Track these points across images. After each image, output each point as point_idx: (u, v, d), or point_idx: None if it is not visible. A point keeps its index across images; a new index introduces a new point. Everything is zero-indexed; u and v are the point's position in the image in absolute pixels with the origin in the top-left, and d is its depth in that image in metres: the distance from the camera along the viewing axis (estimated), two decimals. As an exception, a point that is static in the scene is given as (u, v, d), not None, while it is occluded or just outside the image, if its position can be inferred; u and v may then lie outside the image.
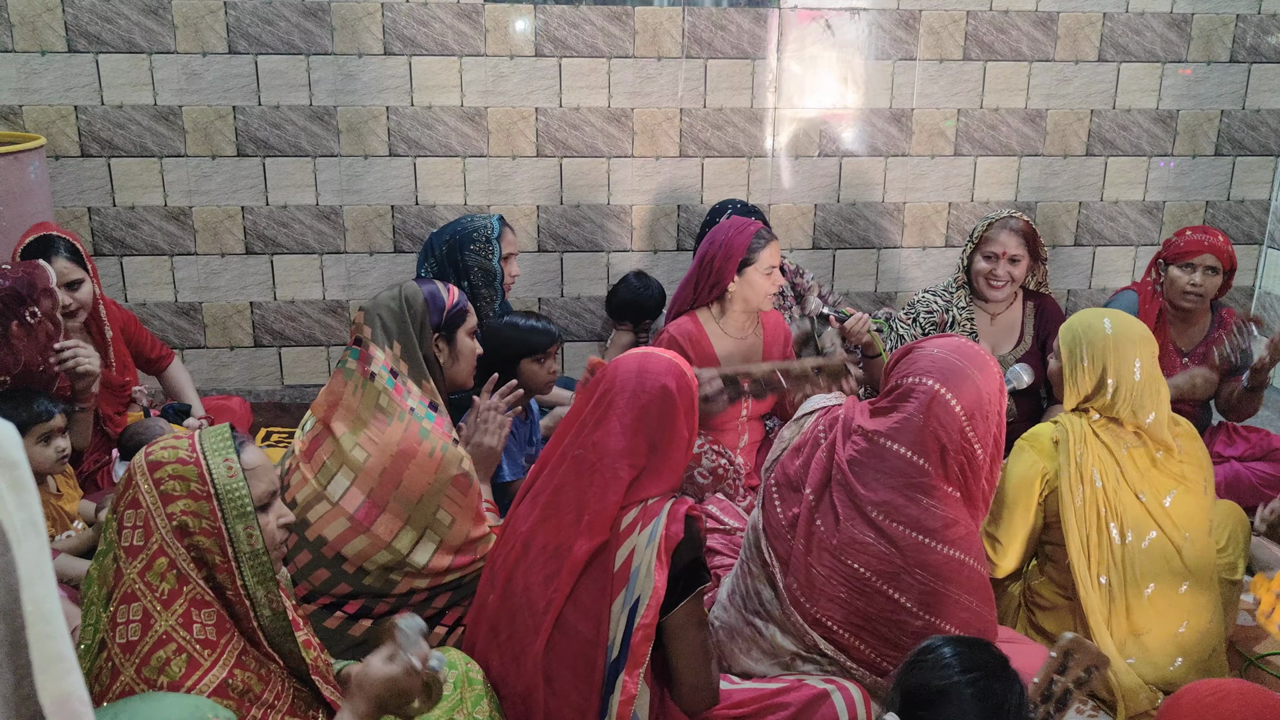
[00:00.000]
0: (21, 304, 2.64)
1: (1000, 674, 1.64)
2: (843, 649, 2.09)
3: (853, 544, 2.06)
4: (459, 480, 2.35)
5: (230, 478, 1.53)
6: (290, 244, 4.18)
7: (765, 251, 3.04)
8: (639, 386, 1.98)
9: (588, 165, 4.23)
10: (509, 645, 2.00)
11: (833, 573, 2.07)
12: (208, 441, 1.56)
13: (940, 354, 2.08)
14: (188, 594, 1.50)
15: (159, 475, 1.52)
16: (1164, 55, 4.36)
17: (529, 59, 4.08)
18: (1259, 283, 4.66)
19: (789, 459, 2.21)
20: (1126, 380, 2.35)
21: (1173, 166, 4.51)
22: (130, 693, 1.44)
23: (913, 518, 2.03)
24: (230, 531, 1.52)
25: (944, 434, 2.03)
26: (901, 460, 2.05)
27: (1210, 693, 1.35)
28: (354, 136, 4.09)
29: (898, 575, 2.03)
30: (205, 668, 1.47)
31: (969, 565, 2.05)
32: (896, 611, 2.04)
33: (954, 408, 2.03)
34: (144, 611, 1.47)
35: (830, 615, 2.07)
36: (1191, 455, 2.43)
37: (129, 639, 1.46)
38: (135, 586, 1.48)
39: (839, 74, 4.27)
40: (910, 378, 2.08)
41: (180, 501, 1.51)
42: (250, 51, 3.95)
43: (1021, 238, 3.28)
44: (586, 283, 4.37)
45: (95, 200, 4.03)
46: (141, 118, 3.97)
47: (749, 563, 2.21)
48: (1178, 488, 2.38)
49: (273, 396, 4.30)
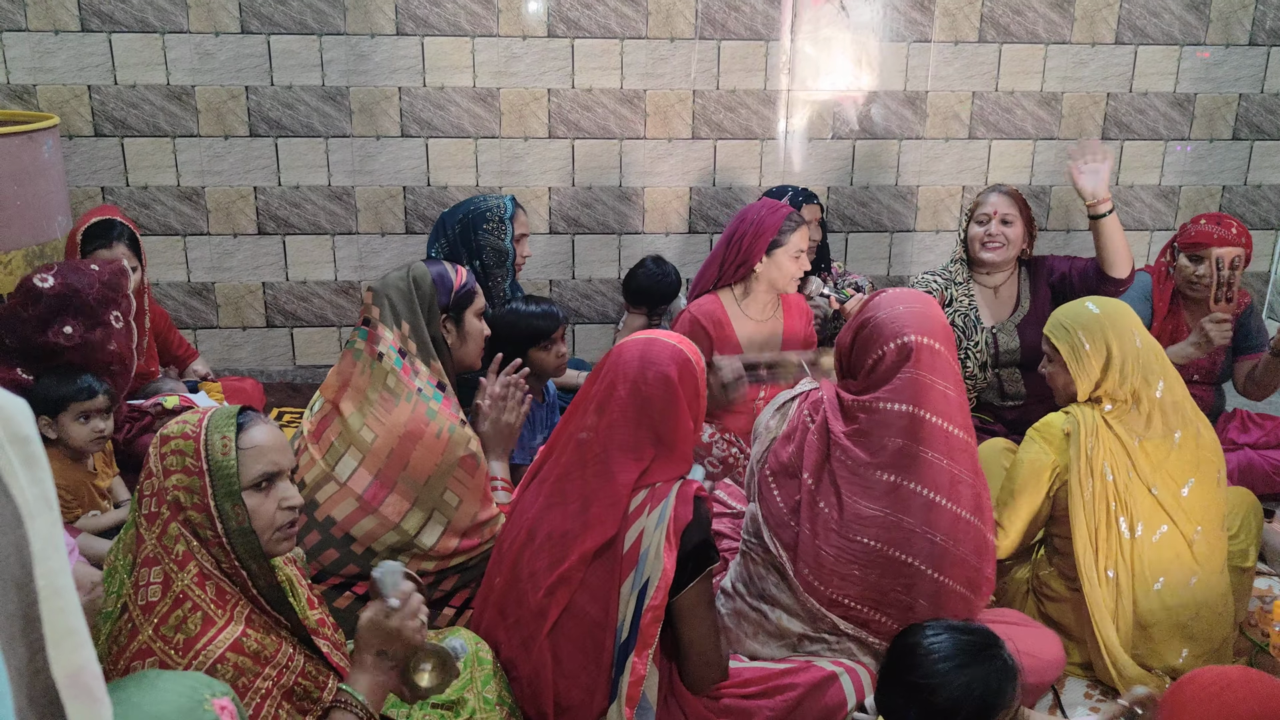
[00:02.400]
0: (110, 306, 2.70)
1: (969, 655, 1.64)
2: (863, 624, 2.10)
3: (858, 520, 2.06)
4: (466, 461, 2.35)
5: (223, 455, 1.54)
6: (302, 224, 4.19)
7: (796, 234, 3.04)
8: (641, 376, 1.98)
9: (600, 147, 4.22)
10: (517, 628, 2.01)
11: (842, 552, 2.07)
12: (213, 420, 1.58)
13: (903, 309, 2.12)
14: (197, 560, 1.53)
15: (164, 450, 1.56)
16: (1182, 38, 4.31)
17: (541, 40, 4.07)
18: (1275, 267, 4.62)
19: (780, 447, 2.20)
20: (1130, 349, 2.35)
21: (1189, 150, 4.46)
22: (148, 652, 1.47)
23: (921, 475, 2.04)
24: (219, 508, 1.54)
25: (936, 375, 2.06)
26: (901, 416, 2.06)
27: (1213, 681, 1.34)
28: (366, 117, 4.08)
29: (908, 539, 2.04)
30: (220, 625, 1.50)
31: (974, 526, 2.07)
32: (909, 575, 2.05)
33: (937, 349, 2.08)
34: (164, 574, 1.51)
35: (846, 593, 2.08)
36: (1205, 443, 2.41)
37: (149, 600, 1.50)
38: (155, 550, 1.52)
39: (853, 56, 4.24)
40: (889, 343, 2.09)
41: (175, 476, 1.54)
42: (263, 31, 3.95)
43: (1012, 199, 3.27)
44: (598, 265, 4.37)
45: (108, 180, 4.05)
46: (154, 97, 3.97)
47: (751, 552, 2.21)
48: (1195, 475, 2.36)
49: (285, 377, 4.31)
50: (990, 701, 1.63)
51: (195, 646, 1.48)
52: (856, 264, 4.46)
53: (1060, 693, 2.44)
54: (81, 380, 2.61)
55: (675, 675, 2.02)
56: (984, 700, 1.62)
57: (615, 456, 1.97)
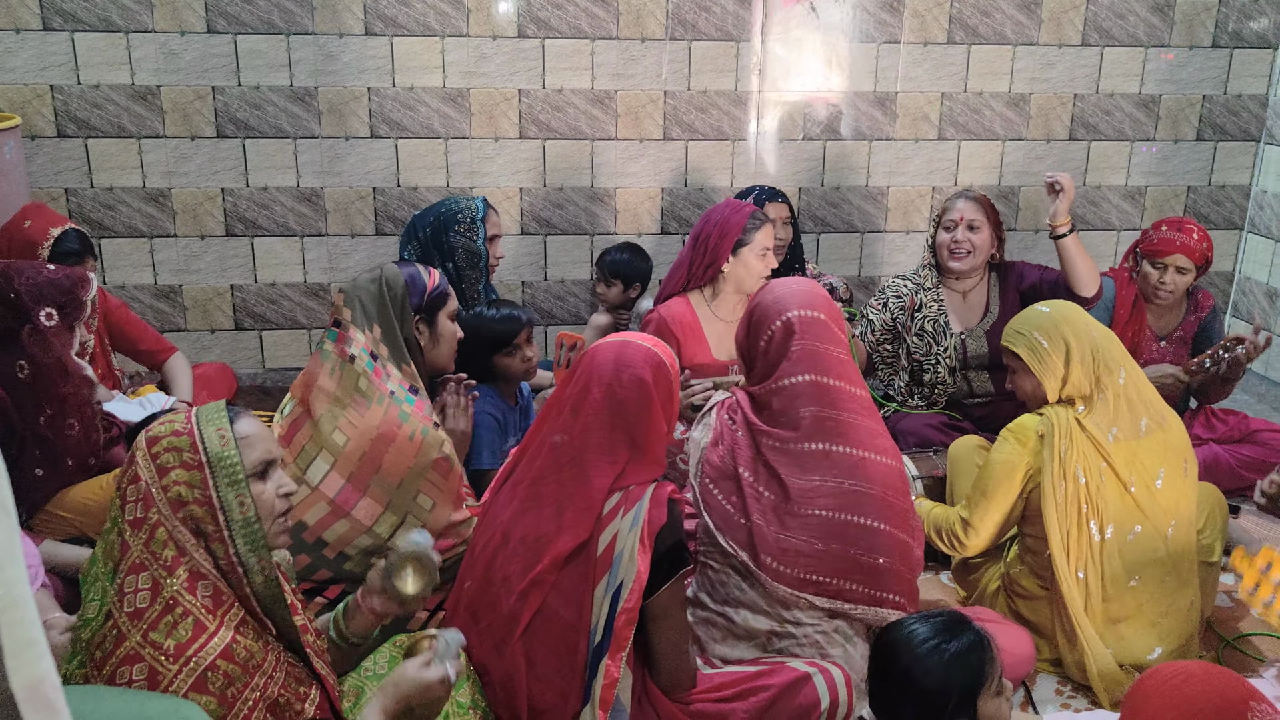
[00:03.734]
0: (43, 303, 2.53)
1: (948, 632, 1.71)
2: (837, 596, 2.12)
3: (803, 494, 2.12)
4: (440, 464, 2.34)
5: (222, 445, 1.55)
6: (271, 226, 4.15)
7: (761, 233, 3.03)
8: (615, 379, 1.98)
9: (571, 147, 4.21)
10: (489, 632, 2.00)
11: (800, 529, 2.11)
12: (203, 413, 1.59)
13: (782, 291, 2.27)
14: (187, 563, 1.51)
15: (155, 450, 1.54)
16: (1147, 40, 4.36)
17: (512, 40, 4.05)
18: (1239, 267, 4.68)
19: (710, 453, 2.26)
20: (1087, 339, 2.39)
21: (1155, 151, 4.52)
22: (136, 658, 1.45)
23: (844, 435, 2.14)
24: (221, 499, 1.53)
25: (824, 343, 2.19)
26: (806, 385, 2.16)
27: (1175, 674, 1.36)
28: (335, 117, 4.05)
29: (857, 500, 2.12)
30: (211, 630, 1.49)
31: (895, 468, 2.19)
32: (869, 535, 2.11)
33: (820, 318, 2.22)
34: (153, 580, 1.49)
35: (814, 569, 2.11)
36: (1172, 431, 2.44)
37: (138, 606, 1.48)
38: (143, 556, 1.50)
39: (823, 57, 4.25)
40: (775, 323, 2.22)
41: (174, 472, 1.53)
42: (229, 31, 3.91)
43: (978, 205, 3.28)
44: (570, 266, 4.36)
45: (72, 181, 3.99)
46: (119, 97, 3.92)
47: (708, 559, 2.23)
48: (1164, 466, 2.38)
49: (254, 379, 4.27)
50: (974, 676, 1.69)
51: (187, 653, 1.46)
52: (828, 265, 4.47)
53: (1031, 689, 2.46)
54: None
55: (649, 680, 2.01)
56: (967, 674, 1.69)
57: (591, 459, 1.97)
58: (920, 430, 3.30)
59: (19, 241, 3.02)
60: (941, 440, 3.23)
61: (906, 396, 3.46)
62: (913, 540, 2.19)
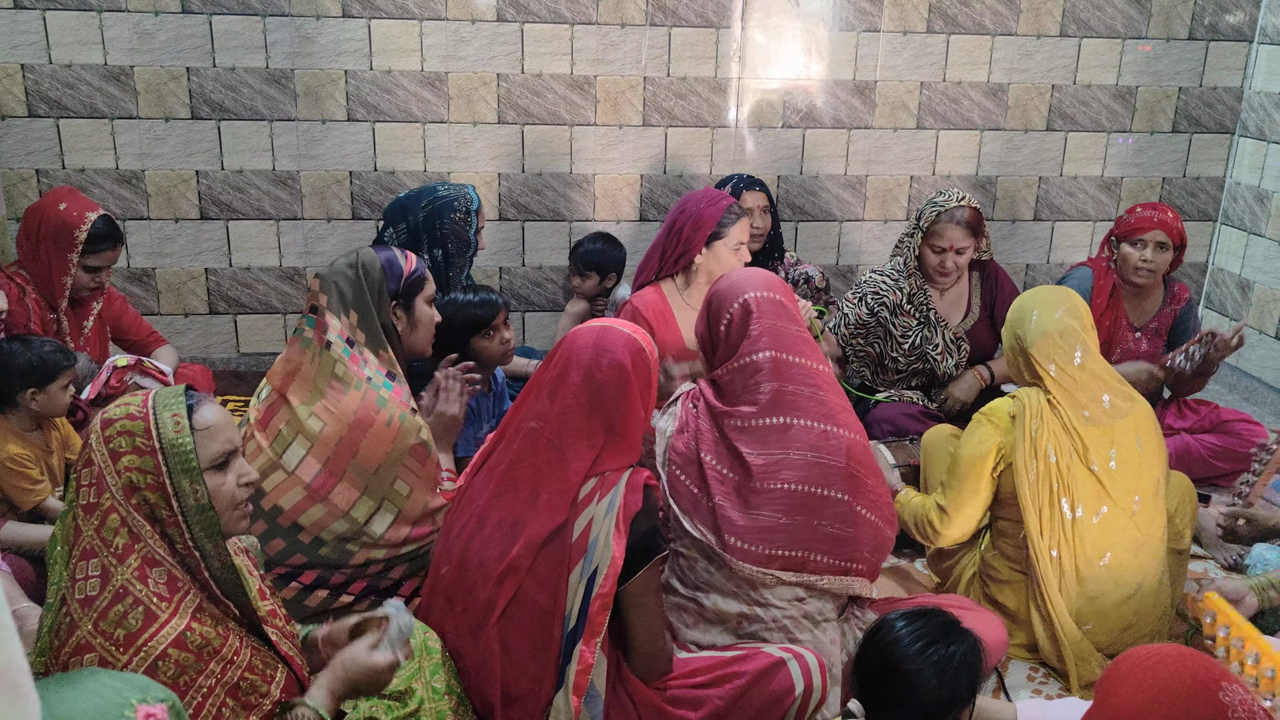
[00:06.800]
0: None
1: (947, 637, 1.72)
2: (802, 568, 2.14)
3: (766, 469, 2.14)
4: (417, 450, 2.33)
5: (176, 433, 1.52)
6: (246, 209, 4.11)
7: (736, 227, 3.01)
8: (594, 363, 1.98)
9: (550, 133, 4.19)
10: (465, 617, 2.00)
11: (764, 504, 2.13)
12: (160, 399, 1.56)
13: (737, 277, 2.32)
14: (140, 550, 1.50)
15: (109, 433, 1.52)
16: (1124, 31, 4.39)
17: (490, 24, 4.03)
18: (1212, 259, 4.73)
19: (676, 440, 2.28)
20: (1034, 329, 2.43)
21: (1131, 143, 4.55)
22: (88, 647, 1.44)
23: (803, 409, 2.17)
24: (175, 486, 1.51)
25: (782, 320, 2.23)
26: (765, 361, 2.19)
27: (1148, 655, 1.38)
28: (311, 100, 4.01)
29: (821, 472, 2.14)
30: (163, 620, 1.47)
31: (860, 444, 2.22)
32: (832, 505, 2.14)
33: (775, 298, 2.25)
34: (102, 567, 1.48)
35: (779, 544, 2.13)
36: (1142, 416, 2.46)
37: (88, 594, 1.47)
38: (93, 543, 1.49)
39: (803, 45, 4.25)
40: (732, 305, 2.26)
41: (126, 457, 1.51)
42: (204, 11, 3.86)
43: (968, 229, 3.22)
44: (548, 252, 4.34)
45: (44, 162, 3.93)
46: (91, 78, 3.87)
47: (677, 544, 2.24)
48: (1114, 446, 2.41)
49: (228, 365, 4.24)
50: (977, 679, 1.72)
51: (136, 642, 1.45)
52: (806, 253, 4.48)
53: (1004, 675, 2.49)
54: (55, 345, 2.64)
55: (624, 666, 2.02)
56: (973, 679, 1.71)
57: (569, 443, 1.97)
58: (895, 419, 3.32)
59: (53, 223, 3.02)
60: (917, 429, 3.24)
61: (877, 387, 3.48)
62: (876, 513, 2.21)
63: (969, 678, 1.71)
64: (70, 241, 3.02)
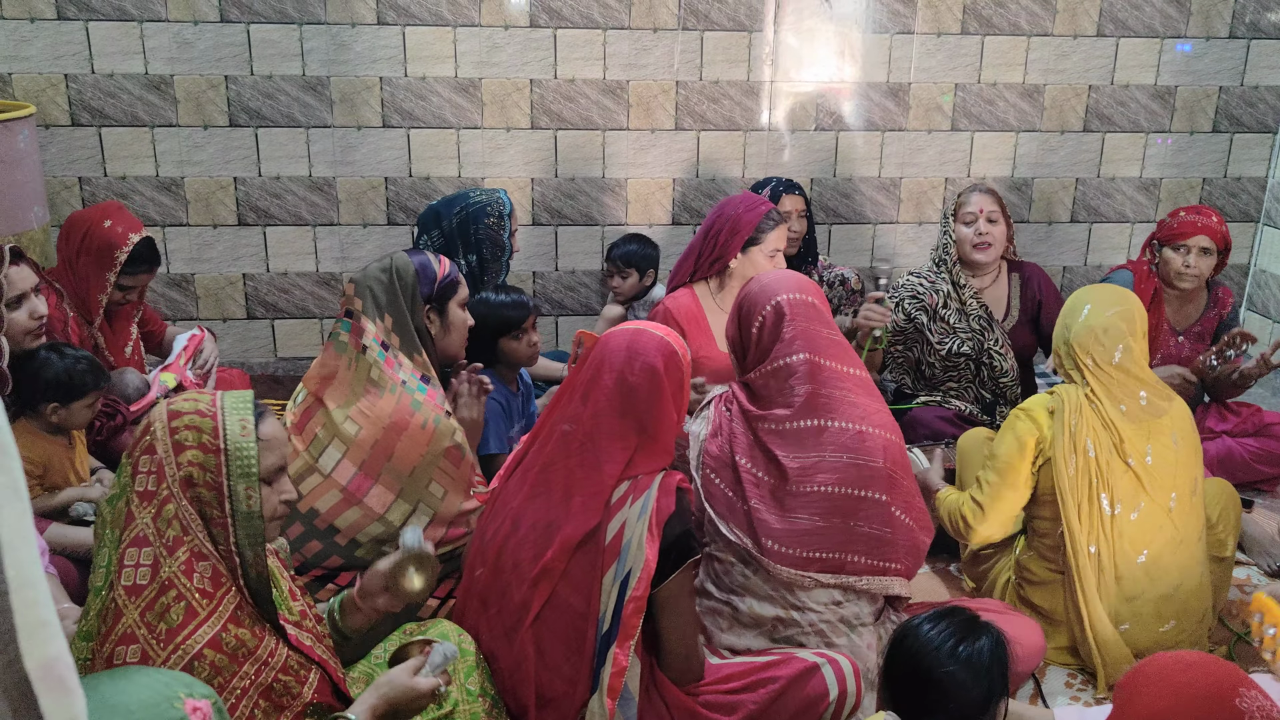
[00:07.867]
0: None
1: (972, 633, 1.70)
2: (840, 570, 2.14)
3: (802, 472, 2.13)
4: (451, 452, 2.34)
5: (242, 436, 1.55)
6: (283, 215, 4.16)
7: (773, 234, 3.01)
8: (627, 366, 1.98)
9: (583, 138, 4.20)
10: (499, 619, 2.01)
11: (800, 508, 2.12)
12: (229, 400, 1.59)
13: (769, 280, 2.31)
14: (189, 543, 1.52)
15: (175, 424, 1.54)
16: (1163, 30, 4.33)
17: (524, 30, 4.05)
18: (1254, 260, 4.65)
19: (710, 444, 2.27)
20: (1081, 326, 2.41)
21: (1170, 143, 4.49)
22: (132, 638, 1.46)
23: (839, 411, 2.16)
24: (231, 488, 1.54)
25: (815, 324, 2.21)
26: (800, 364, 2.18)
27: (1170, 663, 1.38)
28: (347, 107, 4.05)
29: (858, 474, 2.12)
30: (202, 618, 1.49)
31: (897, 445, 2.20)
32: (869, 506, 2.13)
33: (809, 301, 2.25)
34: (154, 558, 1.49)
35: (817, 546, 2.12)
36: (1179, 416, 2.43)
37: (136, 582, 1.48)
38: (147, 531, 1.50)
39: (836, 47, 4.24)
40: (765, 308, 2.24)
41: (190, 451, 1.53)
42: (242, 20, 3.91)
43: (993, 197, 3.28)
44: (581, 256, 4.36)
45: (86, 170, 4.00)
46: (132, 87, 3.93)
47: (712, 548, 2.23)
48: (1152, 442, 2.38)
49: (266, 369, 4.28)
50: (1006, 674, 1.70)
51: (175, 639, 1.46)
52: (840, 256, 4.46)
53: (1041, 681, 2.46)
54: (90, 362, 2.60)
55: (657, 669, 2.02)
56: (1003, 675, 1.70)
57: (602, 445, 1.97)
58: (932, 422, 3.29)
59: (98, 239, 2.97)
60: (953, 432, 3.21)
61: (917, 393, 3.45)
62: (910, 515, 2.19)
63: (1000, 670, 1.69)
64: (110, 261, 2.98)
